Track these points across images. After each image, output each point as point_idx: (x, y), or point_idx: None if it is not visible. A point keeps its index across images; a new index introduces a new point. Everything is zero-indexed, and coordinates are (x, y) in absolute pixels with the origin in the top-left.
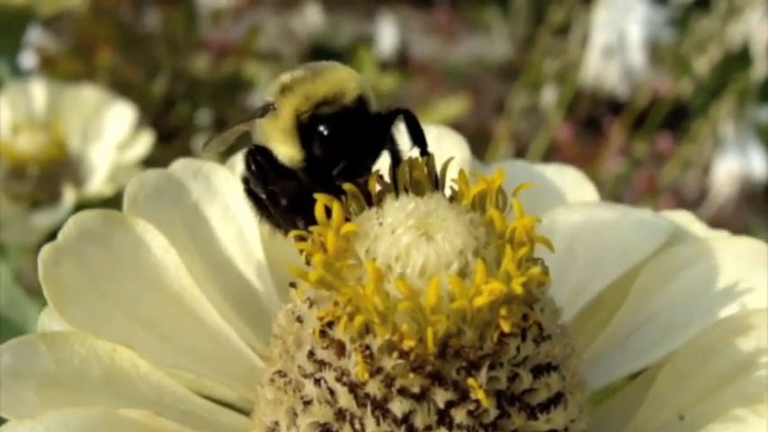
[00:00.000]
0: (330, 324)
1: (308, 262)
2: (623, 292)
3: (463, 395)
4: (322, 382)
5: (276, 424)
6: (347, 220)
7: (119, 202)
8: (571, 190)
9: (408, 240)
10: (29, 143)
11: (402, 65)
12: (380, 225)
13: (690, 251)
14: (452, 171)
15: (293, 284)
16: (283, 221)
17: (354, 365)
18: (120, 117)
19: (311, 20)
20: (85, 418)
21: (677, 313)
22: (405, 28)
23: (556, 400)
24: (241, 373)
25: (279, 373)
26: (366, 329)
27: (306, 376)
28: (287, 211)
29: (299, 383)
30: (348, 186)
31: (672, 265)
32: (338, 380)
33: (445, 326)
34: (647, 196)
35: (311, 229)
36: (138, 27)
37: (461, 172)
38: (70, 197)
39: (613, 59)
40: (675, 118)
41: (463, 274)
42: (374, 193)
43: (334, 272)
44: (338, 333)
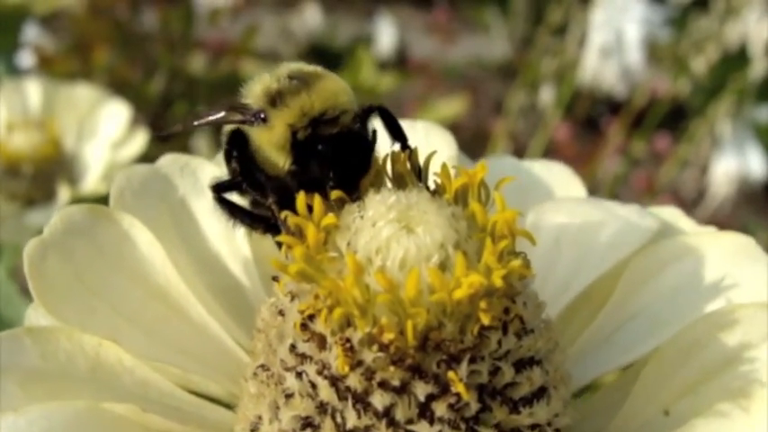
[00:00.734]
0: (311, 317)
1: (286, 255)
2: (609, 287)
3: (444, 388)
4: (303, 375)
5: (259, 418)
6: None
7: None
8: (559, 186)
9: (389, 233)
10: (24, 141)
11: (401, 64)
12: (361, 218)
13: (676, 246)
14: (436, 165)
15: (276, 278)
16: (263, 221)
17: (335, 358)
18: (115, 115)
19: (310, 19)
20: (69, 411)
21: (663, 308)
22: (404, 28)
23: (539, 394)
24: (227, 368)
25: (262, 366)
26: (347, 323)
27: (287, 369)
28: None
29: (280, 377)
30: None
31: (658, 260)
32: (319, 373)
33: (425, 319)
34: (645, 196)
35: (291, 221)
36: (136, 26)
37: (444, 166)
38: (65, 195)
39: (611, 59)
40: (673, 118)
41: (444, 266)
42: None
43: (315, 265)
44: (319, 326)
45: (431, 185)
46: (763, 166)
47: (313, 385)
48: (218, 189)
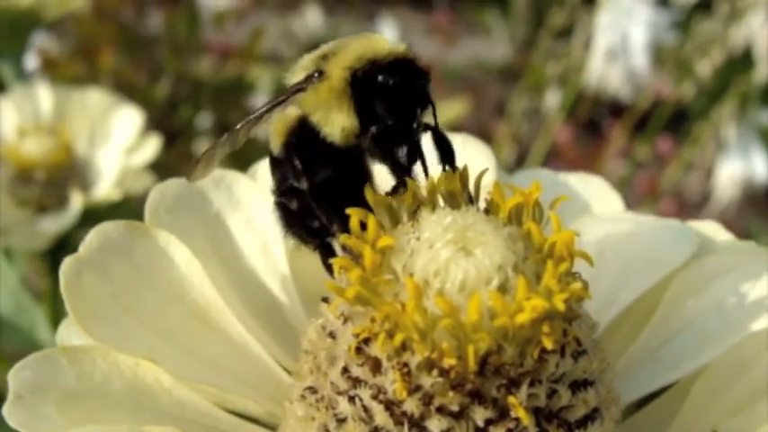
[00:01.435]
0: (366, 341)
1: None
2: (652, 303)
3: (502, 413)
4: (357, 399)
5: None
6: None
7: (126, 206)
8: (596, 200)
9: (447, 255)
10: (35, 147)
11: None
12: (417, 239)
13: (720, 262)
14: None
15: (325, 299)
16: (317, 236)
17: (392, 383)
18: (128, 121)
19: (311, 21)
20: None
21: (709, 325)
22: (404, 30)
23: (592, 415)
24: (267, 387)
25: (310, 389)
26: (403, 347)
27: (339, 393)
28: (328, 206)
29: (332, 400)
30: (380, 199)
31: (702, 276)
32: (374, 397)
33: (487, 343)
34: (648, 199)
35: (346, 243)
36: (141, 29)
37: (497, 184)
38: (77, 202)
39: (616, 62)
40: (677, 121)
41: (503, 289)
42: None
43: (371, 288)
44: (374, 350)
45: (481, 203)
46: None
47: (367, 410)
48: (280, 194)
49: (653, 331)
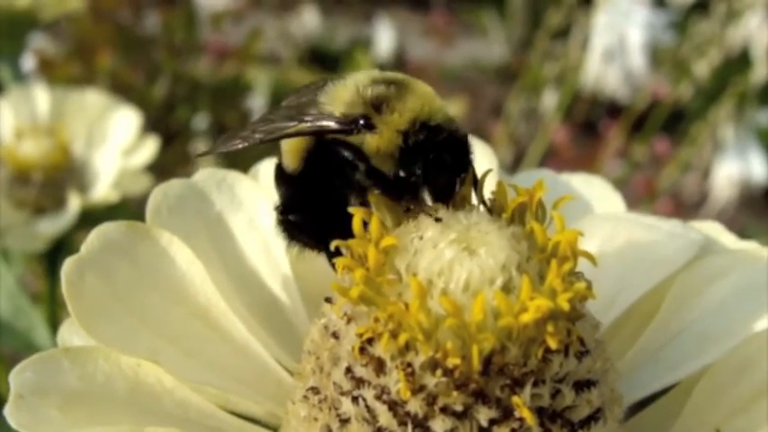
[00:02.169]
0: (370, 341)
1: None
2: (653, 304)
3: (506, 413)
4: (360, 399)
5: None
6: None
7: (124, 208)
8: (598, 200)
9: (451, 255)
10: (33, 148)
11: (399, 67)
12: (421, 239)
13: (722, 262)
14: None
15: (329, 299)
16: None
17: (395, 383)
18: (126, 122)
19: (308, 22)
20: None
21: (711, 325)
22: (401, 30)
23: (596, 416)
24: (268, 387)
25: (313, 389)
26: (407, 347)
27: (343, 393)
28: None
29: (335, 401)
30: (382, 198)
31: (704, 276)
32: (378, 398)
33: (491, 343)
34: (645, 200)
35: (350, 243)
36: (138, 30)
37: (500, 184)
38: (75, 203)
39: (613, 63)
40: (674, 121)
41: (507, 289)
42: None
43: (375, 287)
44: (378, 350)
45: (485, 203)
46: (765, 169)
47: (370, 410)
48: (284, 211)
49: (655, 331)
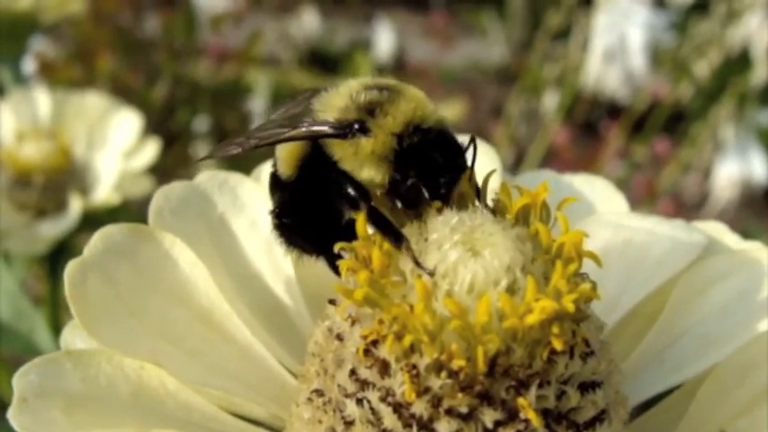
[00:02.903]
0: (374, 343)
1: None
2: (656, 305)
3: (511, 414)
4: (365, 401)
5: None
6: None
7: (126, 210)
8: (600, 201)
9: (456, 256)
10: (34, 151)
11: (399, 69)
12: (425, 241)
13: (725, 263)
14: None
15: (332, 301)
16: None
17: (400, 385)
18: (127, 124)
19: (308, 24)
20: None
21: (714, 327)
22: (401, 32)
23: (601, 417)
24: (272, 389)
25: (317, 392)
26: (412, 348)
27: (347, 396)
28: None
29: (339, 403)
30: (384, 200)
31: (707, 277)
32: (382, 400)
33: (496, 345)
34: (646, 200)
35: (354, 245)
36: (138, 33)
37: (504, 185)
38: (76, 206)
39: (614, 64)
40: (675, 121)
41: (512, 290)
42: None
43: (380, 289)
44: (383, 352)
45: (488, 204)
46: (766, 169)
47: (375, 412)
48: (279, 215)
49: (659, 333)
